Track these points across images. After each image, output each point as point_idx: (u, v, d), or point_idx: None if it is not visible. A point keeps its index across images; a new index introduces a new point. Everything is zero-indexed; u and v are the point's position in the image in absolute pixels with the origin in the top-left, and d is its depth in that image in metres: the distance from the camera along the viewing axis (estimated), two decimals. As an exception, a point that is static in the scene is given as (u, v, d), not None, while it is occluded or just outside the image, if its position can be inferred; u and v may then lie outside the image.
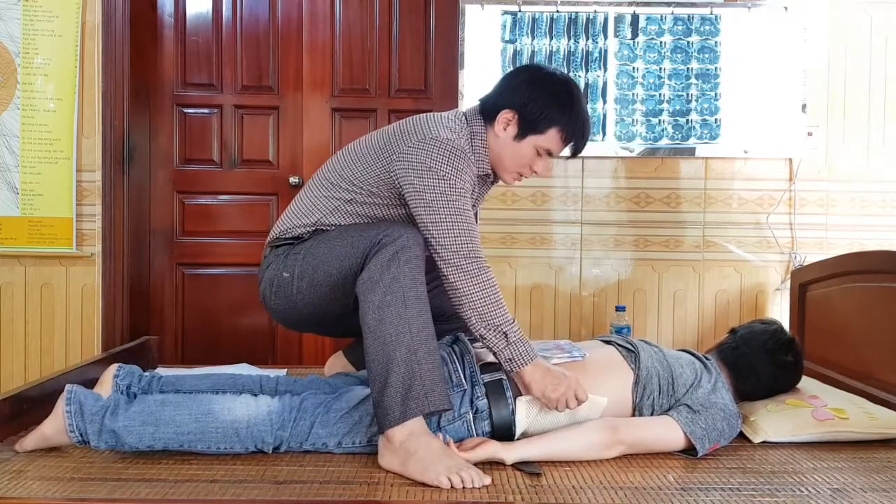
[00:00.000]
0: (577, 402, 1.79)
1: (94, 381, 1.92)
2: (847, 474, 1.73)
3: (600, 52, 3.12)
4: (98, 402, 1.73)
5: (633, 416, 1.90)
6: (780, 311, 3.10)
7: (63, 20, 2.92)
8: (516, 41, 3.11)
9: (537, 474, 1.67)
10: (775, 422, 1.96)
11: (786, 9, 3.10)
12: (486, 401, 1.82)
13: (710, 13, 3.11)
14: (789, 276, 3.07)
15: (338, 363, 2.26)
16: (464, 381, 1.84)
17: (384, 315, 1.71)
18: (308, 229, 1.93)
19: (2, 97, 2.92)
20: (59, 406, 1.72)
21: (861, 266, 2.49)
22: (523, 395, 1.83)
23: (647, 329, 3.17)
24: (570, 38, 3.11)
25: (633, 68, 3.13)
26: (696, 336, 3.17)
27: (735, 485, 1.65)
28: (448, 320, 2.02)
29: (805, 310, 2.84)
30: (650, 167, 3.16)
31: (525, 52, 3.11)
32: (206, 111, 3.37)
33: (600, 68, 3.12)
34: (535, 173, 1.95)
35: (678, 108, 3.12)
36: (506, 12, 3.10)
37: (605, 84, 3.12)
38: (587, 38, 3.11)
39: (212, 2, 3.34)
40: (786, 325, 2.67)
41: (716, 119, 3.12)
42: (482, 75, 3.06)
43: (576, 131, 1.90)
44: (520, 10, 3.10)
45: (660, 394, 1.90)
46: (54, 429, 1.72)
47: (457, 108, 2.36)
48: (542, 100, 1.87)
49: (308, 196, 1.98)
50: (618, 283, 3.18)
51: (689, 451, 1.82)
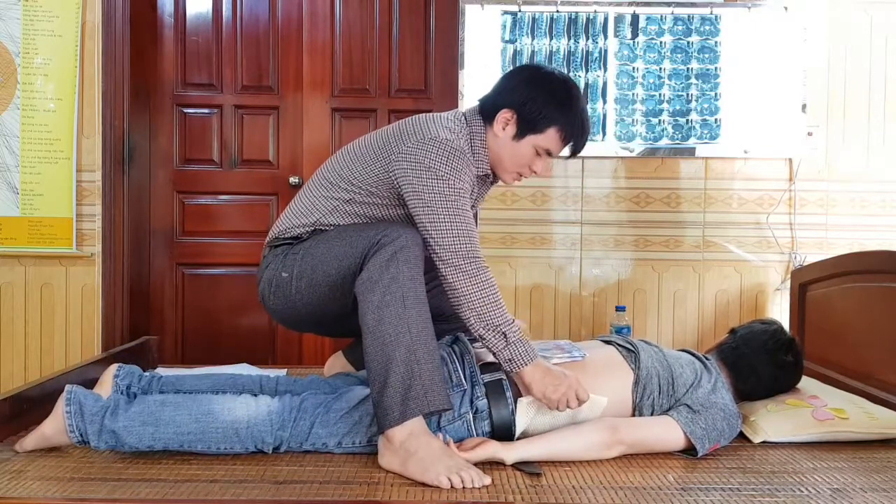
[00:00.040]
0: (579, 402, 1.79)
1: (94, 382, 1.92)
2: (847, 474, 1.73)
3: (600, 52, 3.12)
4: (98, 403, 1.73)
5: (633, 416, 1.90)
6: (780, 311, 3.10)
7: (63, 20, 2.92)
8: (516, 41, 3.11)
9: (537, 474, 1.67)
10: (775, 422, 1.96)
11: (786, 9, 3.10)
12: (485, 401, 1.82)
13: (710, 13, 3.11)
14: (789, 276, 3.07)
15: (337, 363, 2.26)
16: (464, 381, 1.84)
17: (383, 315, 1.71)
18: (307, 229, 1.93)
19: (2, 97, 2.92)
20: (59, 406, 1.72)
21: (861, 266, 2.49)
22: (523, 396, 1.83)
23: (647, 329, 3.17)
24: (570, 38, 3.11)
25: (633, 68, 3.12)
26: (696, 336, 3.17)
27: (735, 485, 1.65)
28: (447, 320, 2.02)
29: (805, 310, 2.84)
30: (650, 167, 3.16)
31: (525, 52, 3.11)
32: (206, 111, 3.37)
33: (600, 68, 3.12)
34: (535, 173, 1.95)
35: (678, 108, 3.12)
36: (506, 12, 3.10)
37: (605, 84, 3.12)
38: (587, 38, 3.11)
39: (212, 2, 3.34)
40: (786, 325, 2.67)
41: (716, 119, 3.12)
42: (482, 75, 3.06)
43: (575, 131, 1.89)
44: (520, 10, 3.10)
45: (660, 394, 1.90)
46: (54, 429, 1.72)
47: (456, 109, 2.36)
48: (541, 99, 1.86)
49: (307, 196, 1.98)
50: (618, 283, 3.18)
51: (689, 451, 1.82)
